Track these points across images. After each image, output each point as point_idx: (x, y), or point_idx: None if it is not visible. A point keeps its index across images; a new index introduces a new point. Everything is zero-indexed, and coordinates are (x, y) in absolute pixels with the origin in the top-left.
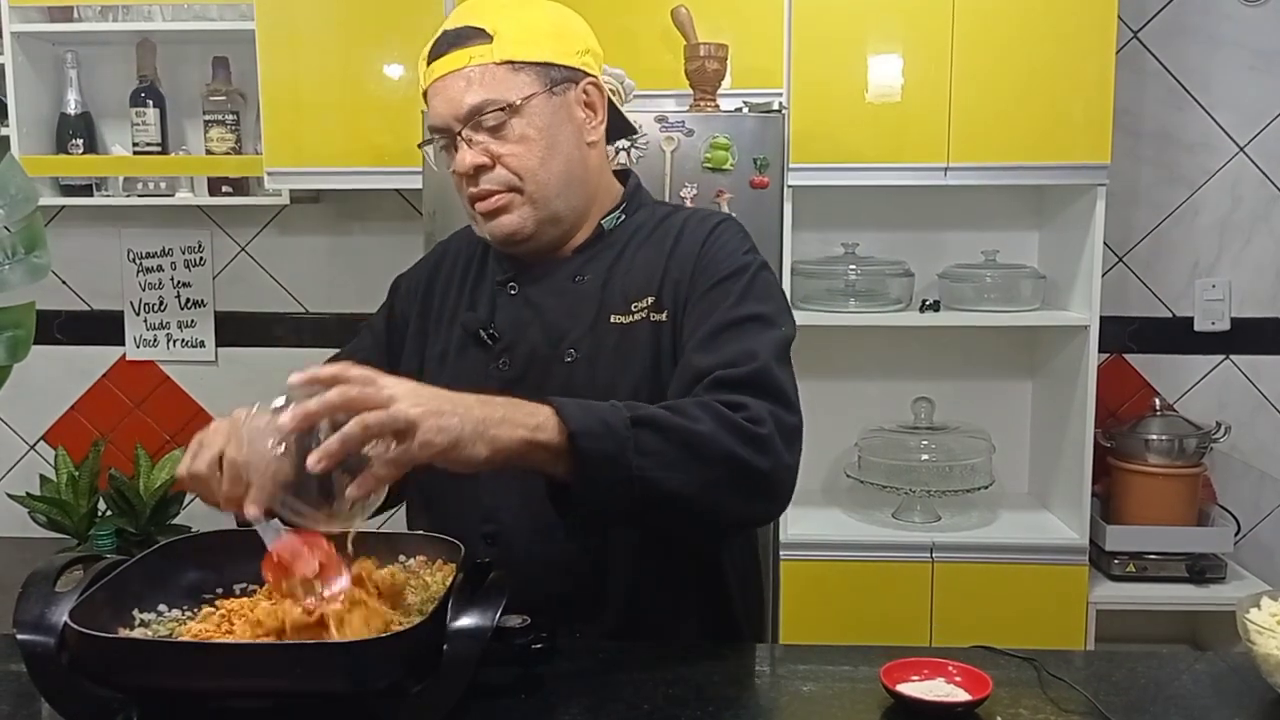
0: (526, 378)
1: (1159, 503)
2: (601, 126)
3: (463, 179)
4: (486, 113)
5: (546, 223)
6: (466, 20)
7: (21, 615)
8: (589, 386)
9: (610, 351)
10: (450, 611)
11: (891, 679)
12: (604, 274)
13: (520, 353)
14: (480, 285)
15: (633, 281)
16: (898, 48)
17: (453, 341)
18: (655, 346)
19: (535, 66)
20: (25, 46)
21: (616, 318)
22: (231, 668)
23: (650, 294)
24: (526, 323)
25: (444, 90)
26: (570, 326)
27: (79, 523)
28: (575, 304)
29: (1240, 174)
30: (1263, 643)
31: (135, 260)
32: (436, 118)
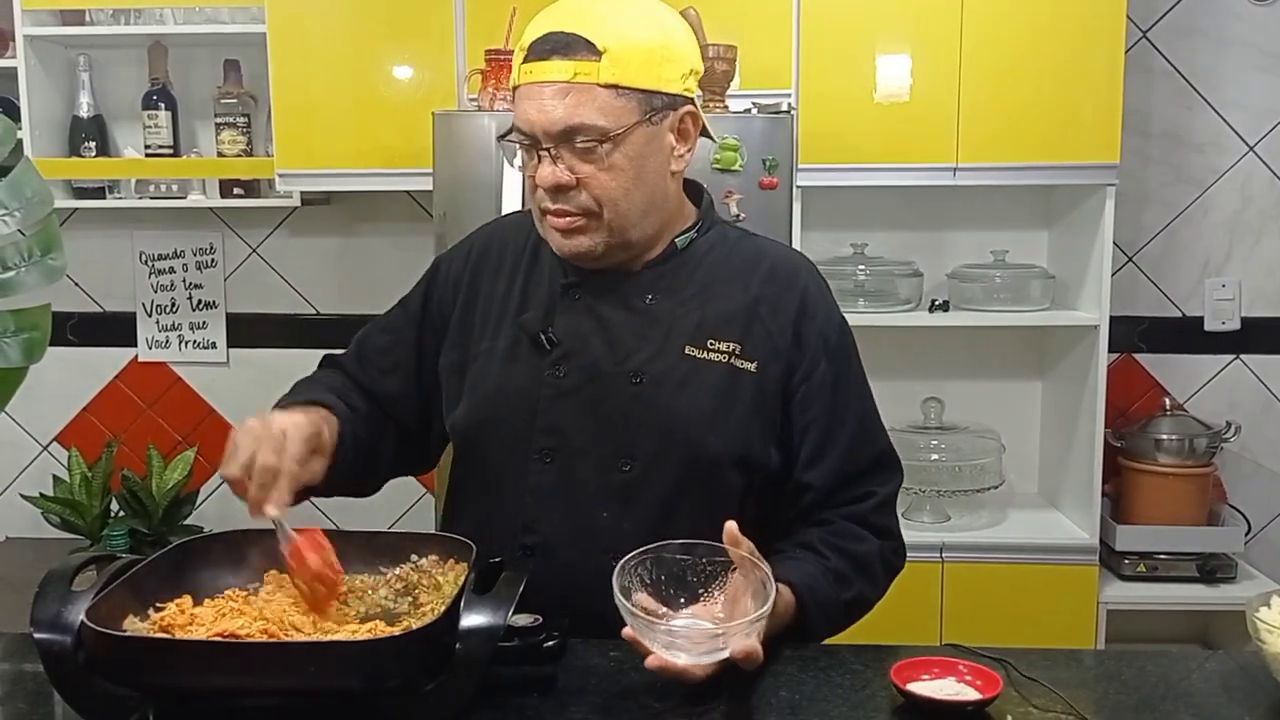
0: (584, 390)
1: (1169, 502)
2: (690, 154)
3: (535, 187)
4: (581, 137)
5: (618, 247)
6: (575, 26)
7: (38, 614)
8: (651, 412)
9: (678, 381)
10: (462, 610)
11: (902, 678)
12: (676, 297)
13: (579, 364)
14: (535, 282)
15: (710, 315)
16: (906, 48)
17: (502, 337)
18: (734, 391)
19: (639, 94)
20: (38, 50)
21: (691, 350)
22: (246, 666)
23: (733, 337)
24: (589, 333)
25: (538, 98)
26: (638, 347)
27: (92, 523)
28: (644, 324)
29: (1250, 173)
30: (1273, 642)
31: (147, 262)
32: (525, 123)
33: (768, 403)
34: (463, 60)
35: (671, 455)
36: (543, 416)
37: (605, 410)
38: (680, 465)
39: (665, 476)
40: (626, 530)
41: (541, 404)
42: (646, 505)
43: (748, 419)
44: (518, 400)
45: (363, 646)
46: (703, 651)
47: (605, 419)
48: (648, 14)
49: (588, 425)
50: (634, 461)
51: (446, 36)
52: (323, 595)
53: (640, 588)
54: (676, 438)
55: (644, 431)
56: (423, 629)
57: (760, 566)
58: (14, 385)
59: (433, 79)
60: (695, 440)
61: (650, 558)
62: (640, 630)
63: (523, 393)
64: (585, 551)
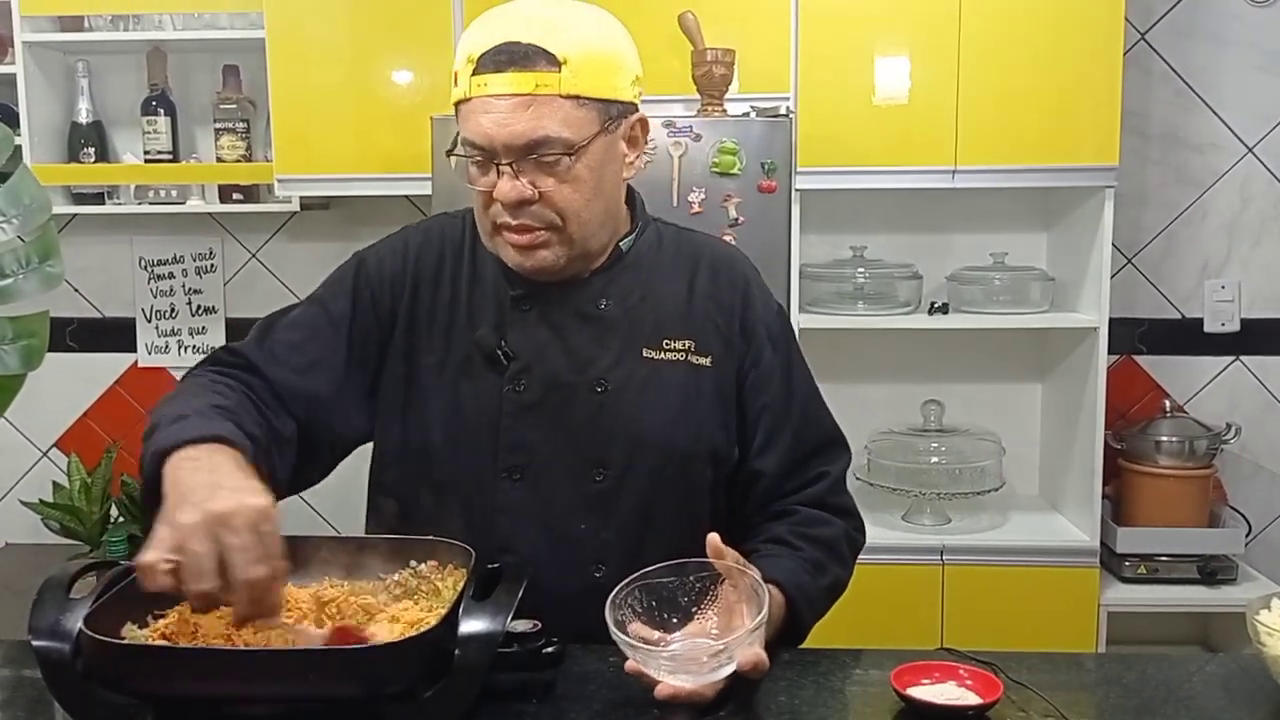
0: (546, 403)
1: (1170, 504)
2: (640, 160)
3: (492, 201)
4: (544, 150)
5: (578, 259)
6: (530, 36)
7: (36, 622)
8: (618, 419)
9: (640, 384)
10: (461, 617)
11: (902, 682)
12: (626, 301)
13: (538, 376)
14: (479, 294)
15: (662, 315)
16: (904, 51)
17: (452, 353)
18: (694, 388)
19: (598, 103)
20: (37, 56)
21: (649, 352)
22: (245, 673)
23: (687, 335)
24: (545, 344)
25: (497, 111)
26: (597, 354)
27: (91, 529)
28: (601, 331)
29: (1249, 175)
30: (1273, 644)
31: (147, 268)
32: (482, 137)
33: (725, 395)
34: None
35: (643, 460)
36: (507, 433)
37: (571, 421)
38: (653, 469)
39: (640, 481)
40: (606, 540)
41: (504, 420)
42: (624, 512)
43: (709, 413)
44: (477, 418)
45: (362, 653)
46: (708, 670)
47: (572, 430)
48: (597, 21)
49: (555, 438)
50: (606, 470)
51: (444, 40)
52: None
53: (634, 618)
54: (647, 442)
55: (614, 439)
56: (422, 635)
57: (748, 573)
58: (12, 392)
59: (431, 83)
60: (665, 442)
61: (639, 586)
62: (643, 661)
63: (482, 410)
64: (567, 566)
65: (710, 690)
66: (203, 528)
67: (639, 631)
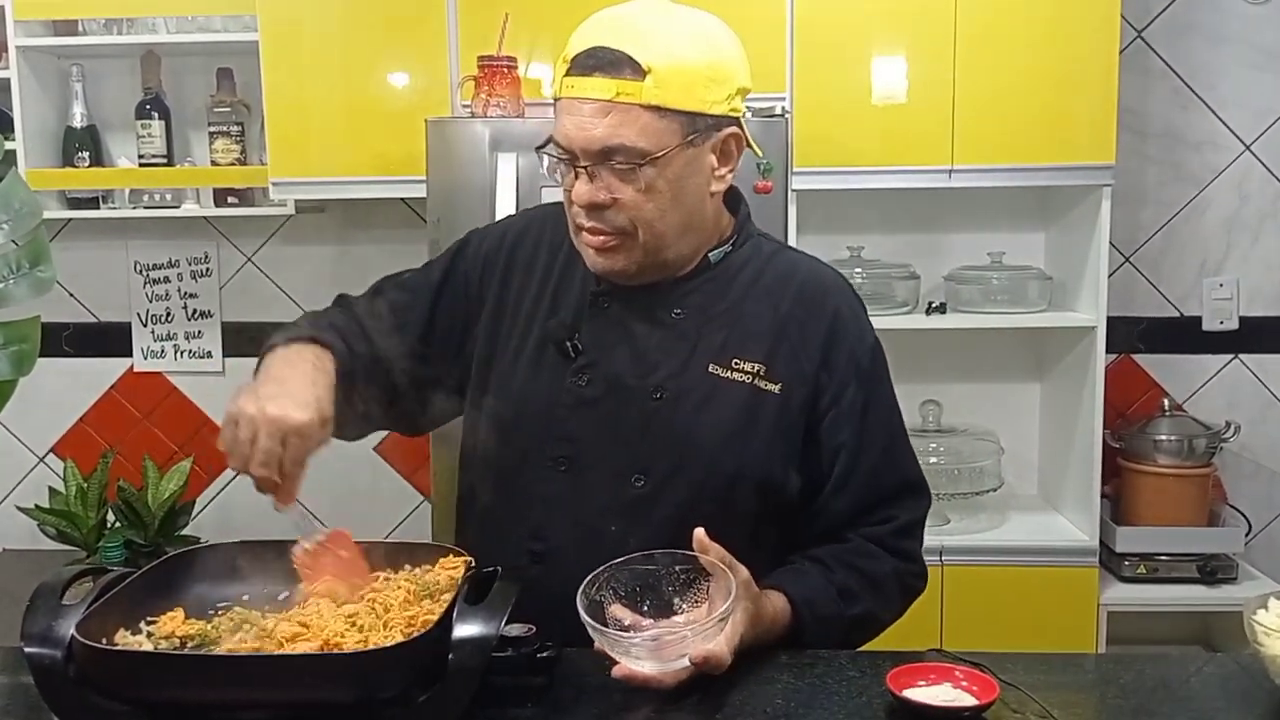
0: (604, 402)
1: (1169, 503)
2: (731, 175)
3: (571, 203)
4: (619, 158)
5: (653, 267)
6: (620, 42)
7: (29, 628)
8: (669, 428)
9: (699, 399)
10: (455, 621)
11: (898, 684)
12: (703, 313)
13: (602, 373)
14: (566, 286)
15: (737, 334)
16: (900, 50)
17: (530, 339)
18: (755, 413)
19: (682, 115)
20: (30, 60)
21: (715, 368)
22: (237, 679)
23: (759, 358)
24: (614, 343)
25: (578, 113)
26: (661, 361)
27: (88, 535)
28: (669, 339)
29: (1247, 172)
30: (1271, 644)
31: (142, 272)
32: (564, 138)
33: (790, 426)
34: (456, 67)
35: (685, 474)
36: (560, 424)
37: (623, 423)
38: (693, 485)
39: (677, 495)
40: (633, 546)
41: (560, 411)
42: (657, 522)
43: (769, 442)
44: (537, 405)
45: (357, 658)
46: (670, 658)
47: (622, 432)
48: (696, 30)
49: (604, 437)
50: (646, 478)
51: (439, 43)
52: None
53: (614, 600)
54: (691, 457)
55: (659, 448)
56: (416, 639)
57: (730, 573)
58: (4, 398)
59: (426, 86)
60: (711, 461)
61: (624, 569)
62: (605, 643)
63: (543, 398)
64: (591, 563)
65: (670, 679)
66: (246, 419)
67: (617, 613)
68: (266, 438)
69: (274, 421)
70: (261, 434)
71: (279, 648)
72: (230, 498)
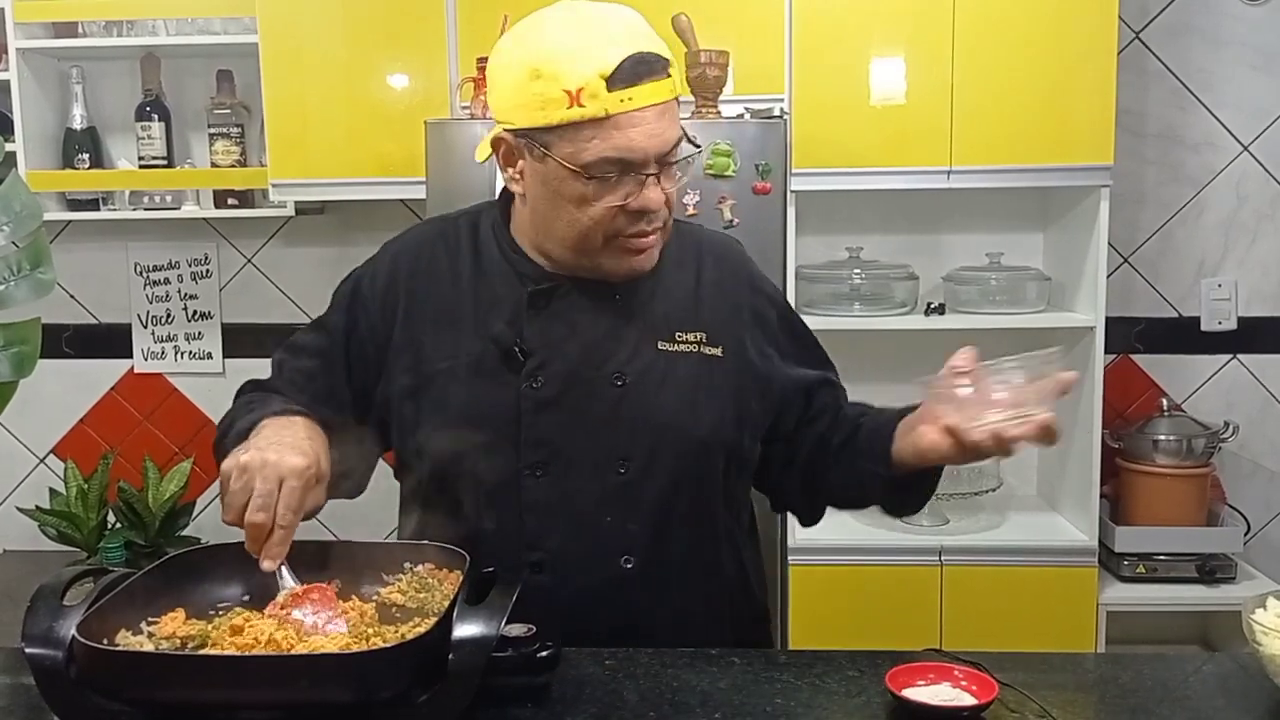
0: (565, 398)
1: (1168, 503)
2: None
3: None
4: (674, 153)
5: None
6: (650, 45)
7: (30, 629)
8: (639, 411)
9: (658, 377)
10: (455, 621)
11: (897, 684)
12: (640, 294)
13: (556, 371)
14: (487, 293)
15: (672, 308)
16: (899, 51)
17: (463, 354)
18: (709, 379)
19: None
20: (31, 62)
21: (663, 344)
22: (238, 680)
23: (698, 327)
24: (560, 339)
25: (643, 122)
26: (614, 348)
27: (88, 535)
28: (617, 324)
29: (1245, 173)
30: (1269, 643)
31: (142, 273)
32: (632, 150)
33: (740, 387)
34: (455, 68)
35: (665, 450)
36: (528, 430)
37: (592, 415)
38: (674, 459)
39: (662, 472)
40: (631, 531)
41: (524, 417)
42: (648, 503)
43: (724, 404)
44: (496, 417)
45: (356, 659)
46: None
47: (593, 424)
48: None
49: (576, 432)
50: (630, 462)
51: (439, 45)
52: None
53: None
54: (666, 434)
55: (635, 431)
56: (415, 640)
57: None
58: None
59: (425, 87)
60: (684, 433)
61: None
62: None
63: (500, 408)
64: (596, 559)
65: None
66: (244, 468)
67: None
68: (262, 481)
69: (270, 465)
70: (257, 478)
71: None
72: None
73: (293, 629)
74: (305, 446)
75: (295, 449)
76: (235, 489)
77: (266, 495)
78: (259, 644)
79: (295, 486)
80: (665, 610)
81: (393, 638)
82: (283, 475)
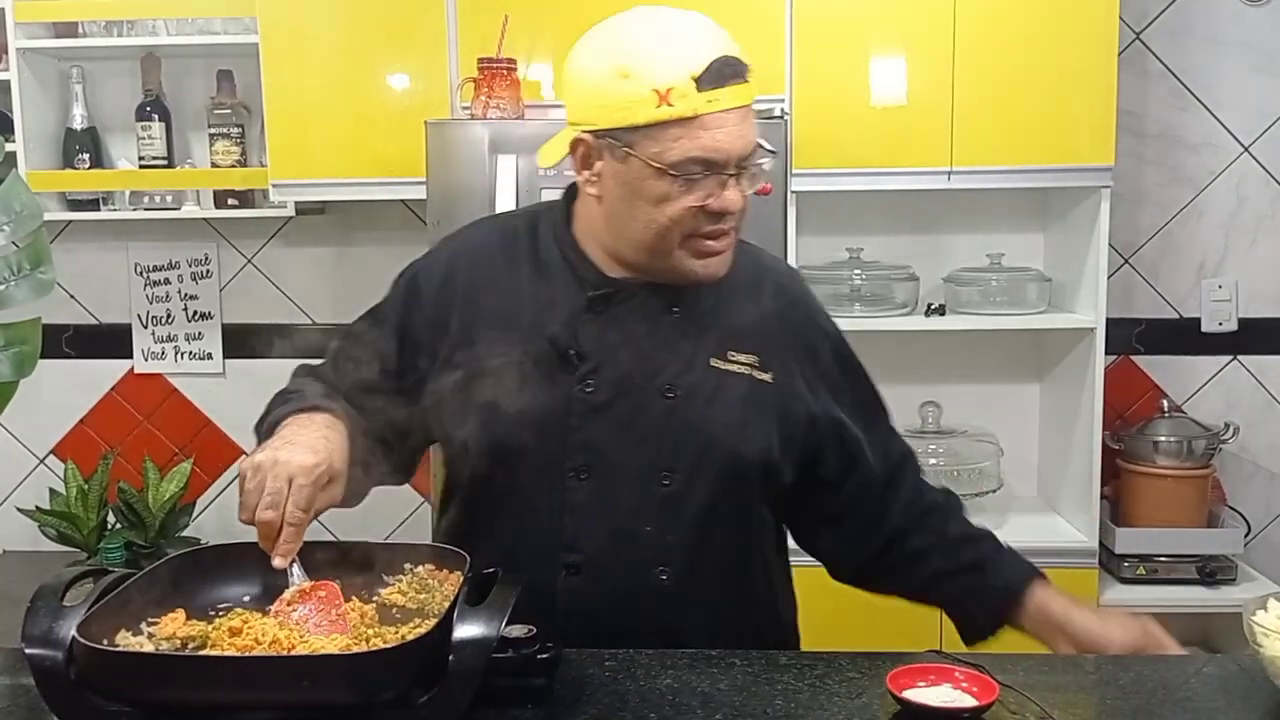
0: (616, 405)
1: (1168, 505)
2: None
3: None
4: (755, 157)
5: None
6: (732, 49)
7: (30, 630)
8: (688, 424)
9: (707, 394)
10: (455, 622)
11: (898, 685)
12: (698, 310)
13: (609, 378)
14: (546, 295)
15: (729, 327)
16: (900, 52)
17: (518, 354)
18: (757, 401)
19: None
20: (31, 62)
21: (715, 362)
22: (238, 680)
23: (752, 350)
24: (616, 347)
25: (725, 124)
26: (667, 360)
27: (88, 536)
28: (671, 337)
29: (1245, 174)
30: (1269, 645)
31: (142, 273)
32: (717, 151)
33: (784, 414)
34: (455, 69)
35: (709, 467)
36: (575, 433)
37: (641, 424)
38: (717, 476)
39: (704, 488)
40: (670, 543)
41: (573, 420)
42: (688, 516)
43: (769, 429)
44: (546, 418)
45: (356, 659)
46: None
47: (641, 433)
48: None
49: (624, 440)
50: (674, 475)
51: (439, 45)
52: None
53: None
54: (713, 450)
55: (682, 444)
56: (416, 641)
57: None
58: (4, 400)
59: (426, 88)
60: (732, 450)
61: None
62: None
63: (550, 410)
64: (631, 567)
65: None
66: (254, 466)
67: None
68: (272, 480)
69: (280, 464)
70: (268, 477)
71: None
72: (231, 499)
73: (294, 629)
74: (319, 445)
75: (308, 448)
76: (249, 489)
77: (276, 494)
78: (258, 645)
79: (304, 485)
80: (694, 625)
81: (393, 639)
82: (292, 474)
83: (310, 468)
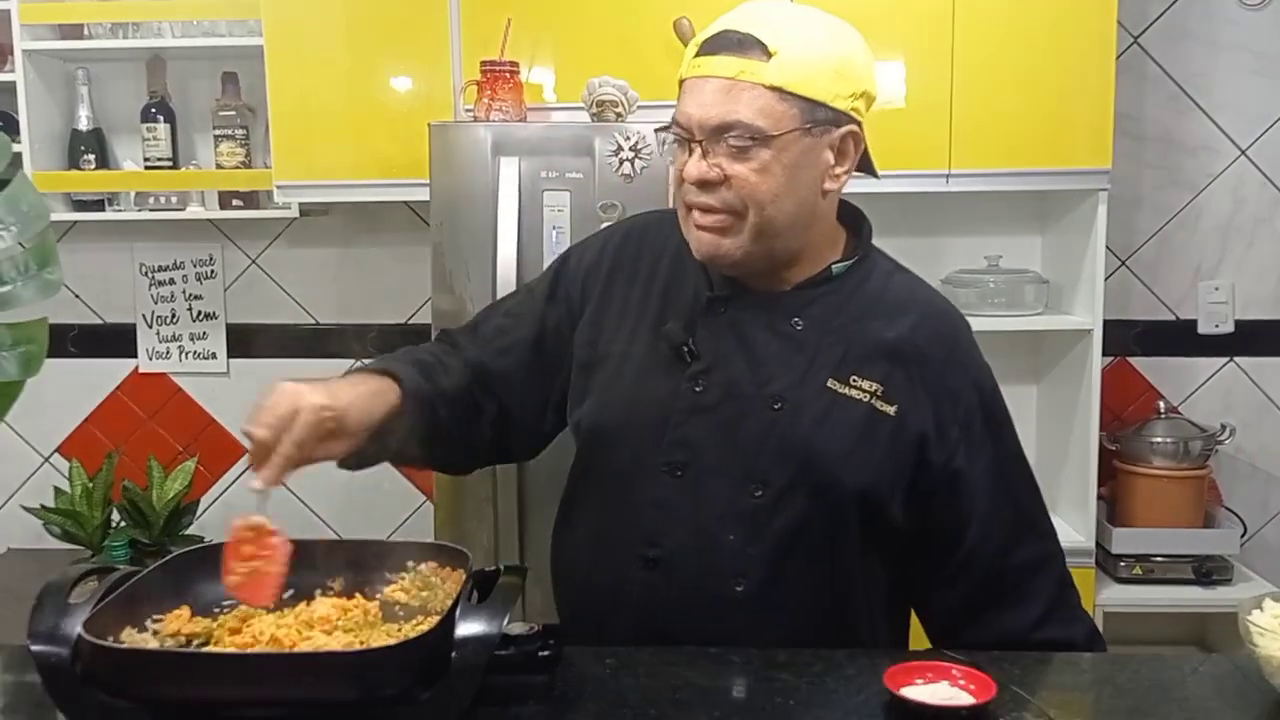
0: (721, 409)
1: (1165, 505)
2: (846, 176)
3: (683, 181)
4: (735, 134)
5: (760, 256)
6: (752, 27)
7: (36, 627)
8: (789, 440)
9: (818, 412)
10: (458, 619)
11: (895, 683)
12: (822, 325)
13: (718, 381)
14: (677, 290)
15: (856, 351)
16: (898, 54)
17: (639, 342)
18: (872, 433)
19: (803, 102)
20: (37, 64)
21: (834, 383)
22: (242, 677)
23: (877, 379)
24: (730, 350)
25: (699, 92)
26: (780, 372)
27: (93, 534)
28: (789, 350)
29: (1242, 177)
30: (1265, 645)
31: (147, 274)
32: (683, 116)
33: (902, 451)
34: (459, 71)
35: (803, 488)
36: (675, 429)
37: (741, 432)
38: (810, 499)
39: (794, 508)
40: (751, 555)
41: (675, 416)
42: (773, 534)
43: (882, 464)
44: (651, 409)
45: (358, 656)
46: None
47: (740, 441)
48: (831, 29)
49: (722, 444)
50: (766, 488)
51: (442, 48)
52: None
53: None
54: (811, 471)
55: (781, 459)
56: (418, 638)
57: None
58: (11, 399)
59: (429, 90)
60: (831, 475)
61: None
62: None
63: (657, 402)
64: (708, 570)
65: None
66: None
67: None
68: (283, 405)
69: (290, 393)
70: (281, 402)
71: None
72: (234, 497)
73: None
74: (342, 396)
75: (329, 393)
76: (262, 405)
77: (275, 416)
78: (257, 642)
79: (306, 421)
80: (771, 627)
81: (396, 636)
82: (298, 407)
83: (318, 408)
